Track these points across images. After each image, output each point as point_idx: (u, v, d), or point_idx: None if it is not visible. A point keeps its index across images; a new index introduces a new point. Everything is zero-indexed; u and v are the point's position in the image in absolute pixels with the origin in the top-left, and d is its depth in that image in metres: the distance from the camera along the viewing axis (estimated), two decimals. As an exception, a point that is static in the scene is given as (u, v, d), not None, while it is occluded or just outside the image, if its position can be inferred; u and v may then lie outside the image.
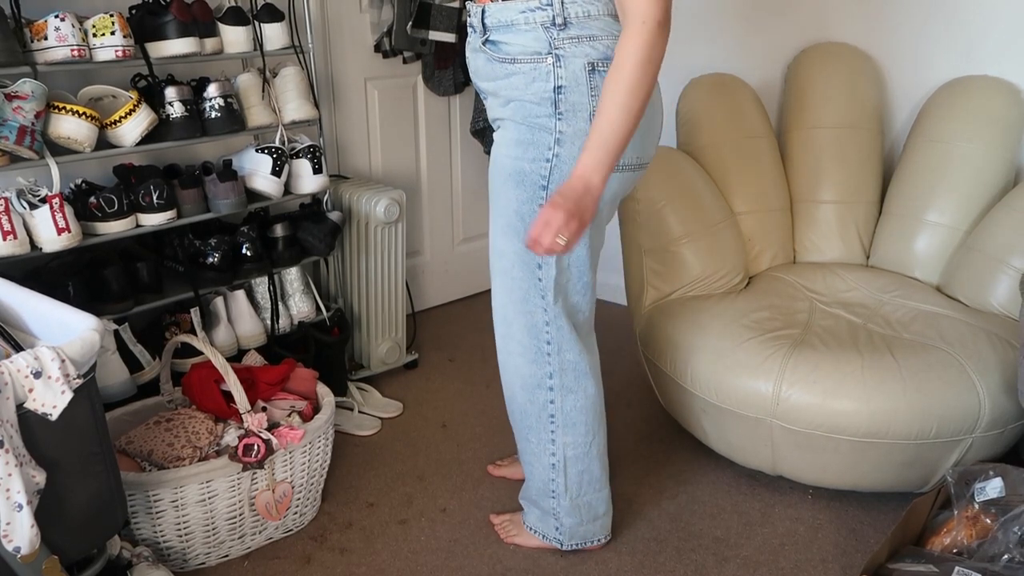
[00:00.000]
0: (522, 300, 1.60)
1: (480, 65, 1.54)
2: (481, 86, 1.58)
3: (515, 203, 1.54)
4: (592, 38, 1.42)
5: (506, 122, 1.54)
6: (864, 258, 2.35)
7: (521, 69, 1.46)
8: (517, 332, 1.64)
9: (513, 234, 1.56)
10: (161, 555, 1.73)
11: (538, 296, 1.59)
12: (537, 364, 1.64)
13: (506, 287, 1.62)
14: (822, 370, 1.82)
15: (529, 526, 1.85)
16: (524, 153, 1.50)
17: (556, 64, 1.43)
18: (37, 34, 1.79)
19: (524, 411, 1.71)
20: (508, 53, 1.47)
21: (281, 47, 2.16)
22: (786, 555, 1.82)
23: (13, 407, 1.26)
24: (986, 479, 1.60)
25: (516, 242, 1.56)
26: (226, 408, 1.82)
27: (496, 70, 1.50)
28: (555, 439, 1.69)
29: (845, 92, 2.36)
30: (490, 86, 1.54)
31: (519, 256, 1.56)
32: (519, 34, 1.45)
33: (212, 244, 2.11)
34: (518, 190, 1.52)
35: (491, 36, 1.48)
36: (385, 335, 2.55)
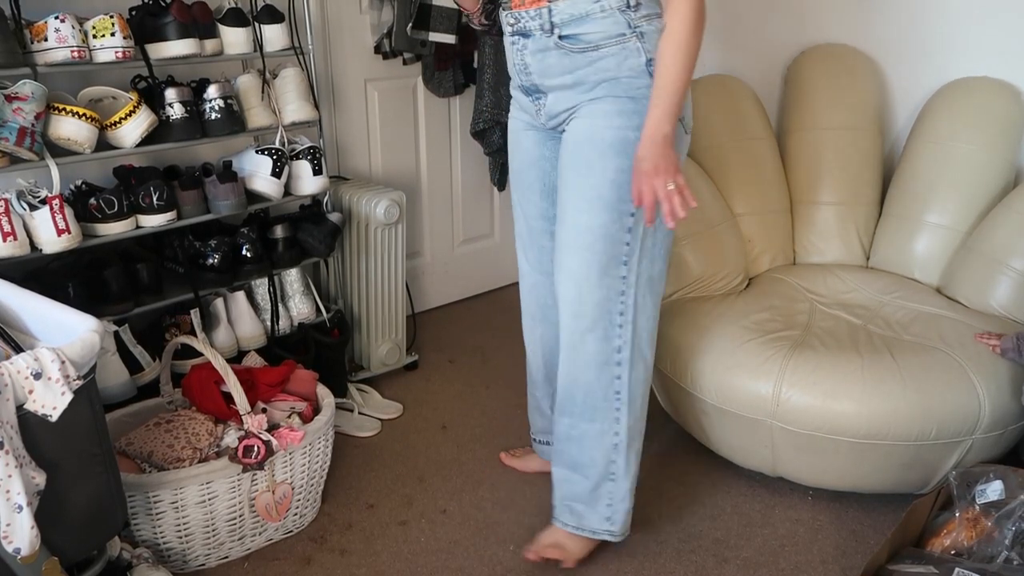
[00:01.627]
0: (601, 274, 1.62)
1: (552, 63, 1.59)
2: (552, 83, 1.62)
3: (612, 173, 1.58)
4: (658, 15, 1.55)
5: (600, 100, 1.59)
6: (864, 259, 2.35)
7: (609, 52, 1.55)
8: (591, 309, 1.64)
9: (602, 207, 1.59)
10: (161, 556, 1.73)
11: (620, 265, 1.63)
12: (607, 340, 1.66)
13: (584, 263, 1.62)
14: (822, 371, 1.82)
15: (575, 528, 1.77)
16: (628, 122, 1.56)
17: (641, 41, 1.55)
18: (37, 35, 1.79)
19: (590, 392, 1.69)
20: (589, 42, 1.55)
21: (281, 48, 2.16)
22: (786, 556, 1.82)
23: (13, 408, 1.26)
24: (987, 481, 1.60)
25: (603, 214, 1.59)
26: (226, 409, 1.82)
27: (576, 61, 1.57)
28: (619, 417, 1.71)
29: (845, 93, 2.36)
30: (569, 78, 1.59)
31: (604, 228, 1.60)
32: (596, 22, 1.54)
33: (212, 245, 2.11)
34: (619, 159, 1.57)
35: (563, 31, 1.56)
36: (385, 336, 2.55)
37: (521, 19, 1.60)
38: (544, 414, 2.01)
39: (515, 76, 1.69)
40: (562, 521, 1.78)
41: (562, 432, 1.75)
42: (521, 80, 1.67)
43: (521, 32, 1.61)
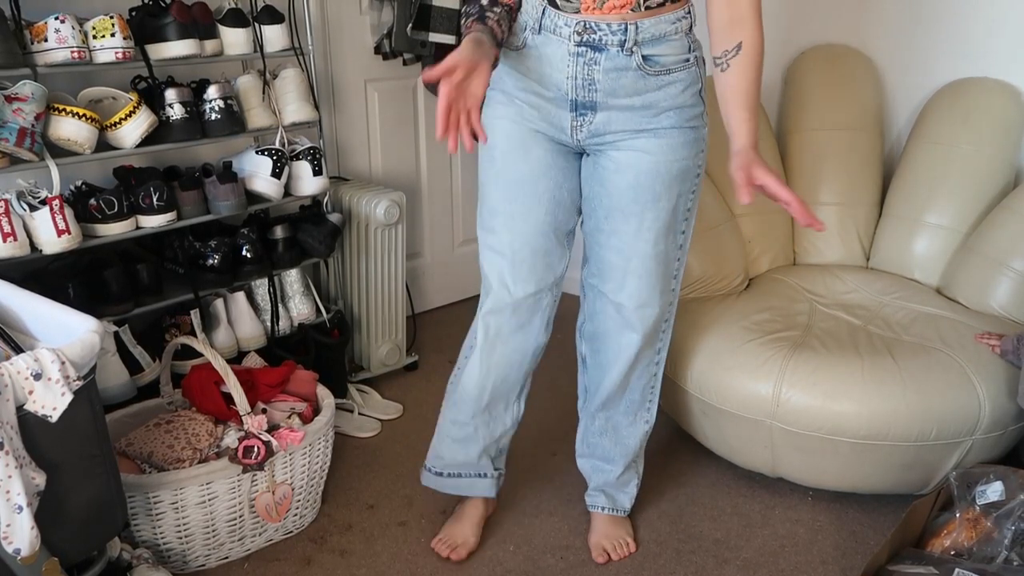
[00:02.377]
0: (661, 292, 1.68)
1: (626, 83, 1.49)
2: (617, 103, 1.51)
3: (675, 200, 1.61)
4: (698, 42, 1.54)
5: (666, 131, 1.54)
6: (864, 260, 2.35)
7: (678, 77, 1.51)
8: (651, 325, 1.70)
9: (665, 233, 1.63)
10: (161, 557, 1.73)
11: (671, 279, 1.70)
12: (653, 346, 1.76)
13: (648, 287, 1.66)
14: (822, 372, 1.82)
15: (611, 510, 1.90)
16: (689, 152, 1.58)
17: (699, 66, 1.55)
18: (37, 36, 1.79)
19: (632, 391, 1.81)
20: (664, 64, 1.49)
21: (281, 49, 2.16)
22: (786, 557, 1.82)
23: (13, 409, 1.26)
24: (987, 482, 1.60)
25: (665, 240, 1.63)
26: (226, 410, 1.82)
27: (649, 83, 1.50)
28: (651, 407, 1.86)
29: (845, 94, 2.36)
30: (639, 100, 1.51)
31: (665, 252, 1.65)
32: (670, 44, 1.49)
33: (212, 246, 2.11)
34: (681, 186, 1.60)
35: (644, 51, 1.47)
36: (385, 337, 2.55)
37: (599, 31, 1.45)
38: (476, 444, 1.81)
39: (564, 88, 1.51)
40: (599, 506, 1.90)
41: (598, 428, 1.86)
42: (576, 95, 1.50)
43: (592, 45, 1.46)
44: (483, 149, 1.63)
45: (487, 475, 1.85)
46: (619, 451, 1.86)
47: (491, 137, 1.61)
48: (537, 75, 1.52)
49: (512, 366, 1.73)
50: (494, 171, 1.63)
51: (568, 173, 1.63)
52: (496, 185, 1.63)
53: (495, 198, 1.63)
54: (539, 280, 1.66)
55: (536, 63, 1.52)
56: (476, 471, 1.84)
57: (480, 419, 1.78)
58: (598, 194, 1.63)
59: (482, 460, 1.83)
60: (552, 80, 1.51)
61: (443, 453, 1.85)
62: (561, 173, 1.62)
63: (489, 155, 1.63)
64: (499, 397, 1.76)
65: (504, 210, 1.63)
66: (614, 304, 1.69)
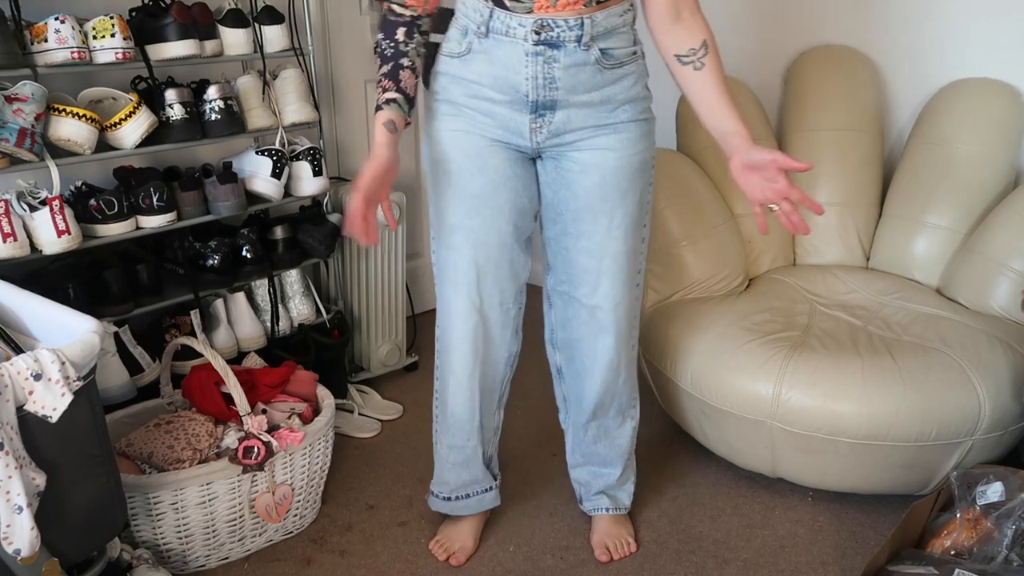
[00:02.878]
0: (631, 287, 1.68)
1: (585, 79, 1.48)
2: (577, 99, 1.50)
3: (639, 194, 1.61)
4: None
5: (622, 126, 1.55)
6: (864, 260, 2.35)
7: (630, 70, 1.53)
8: (626, 324, 1.70)
9: (633, 229, 1.62)
10: (161, 557, 1.73)
11: (637, 273, 1.69)
12: (632, 345, 1.76)
13: (622, 284, 1.65)
14: (822, 372, 1.82)
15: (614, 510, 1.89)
16: (648, 145, 1.60)
17: (643, 59, 1.56)
18: (37, 36, 1.79)
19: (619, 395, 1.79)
20: (616, 57, 1.50)
21: (281, 49, 2.16)
22: (786, 557, 1.82)
23: (13, 409, 1.26)
24: (987, 482, 1.60)
25: (633, 235, 1.63)
26: (226, 410, 1.82)
27: (605, 78, 1.50)
28: (635, 404, 1.85)
29: (845, 95, 2.36)
30: (597, 96, 1.51)
31: (634, 247, 1.65)
32: (620, 37, 1.50)
33: (212, 246, 2.11)
34: (643, 178, 1.61)
35: (600, 44, 1.47)
36: (385, 337, 2.55)
37: (556, 27, 1.43)
38: (477, 461, 1.81)
39: (523, 90, 1.48)
40: (603, 507, 1.89)
41: (591, 437, 1.84)
42: (537, 95, 1.48)
43: (550, 42, 1.44)
44: (434, 163, 1.59)
45: (491, 488, 1.85)
46: (615, 453, 1.86)
47: (445, 151, 1.57)
48: (489, 79, 1.49)
49: (492, 379, 1.74)
50: (450, 186, 1.58)
51: (527, 181, 1.61)
52: (454, 201, 1.58)
53: (454, 214, 1.59)
54: (504, 291, 1.65)
55: (487, 67, 1.49)
56: (482, 487, 1.84)
57: (476, 438, 1.78)
58: (564, 198, 1.60)
59: (485, 474, 1.83)
60: (508, 83, 1.48)
61: (447, 479, 1.83)
62: (520, 181, 1.59)
63: (442, 169, 1.58)
64: (486, 411, 1.77)
65: (465, 225, 1.59)
66: (588, 308, 1.67)
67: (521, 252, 1.64)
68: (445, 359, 1.72)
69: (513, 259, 1.63)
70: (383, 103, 1.50)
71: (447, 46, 1.54)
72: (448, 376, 1.72)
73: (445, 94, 1.55)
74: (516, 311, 1.70)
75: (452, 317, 1.67)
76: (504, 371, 1.74)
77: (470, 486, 1.83)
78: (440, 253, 1.65)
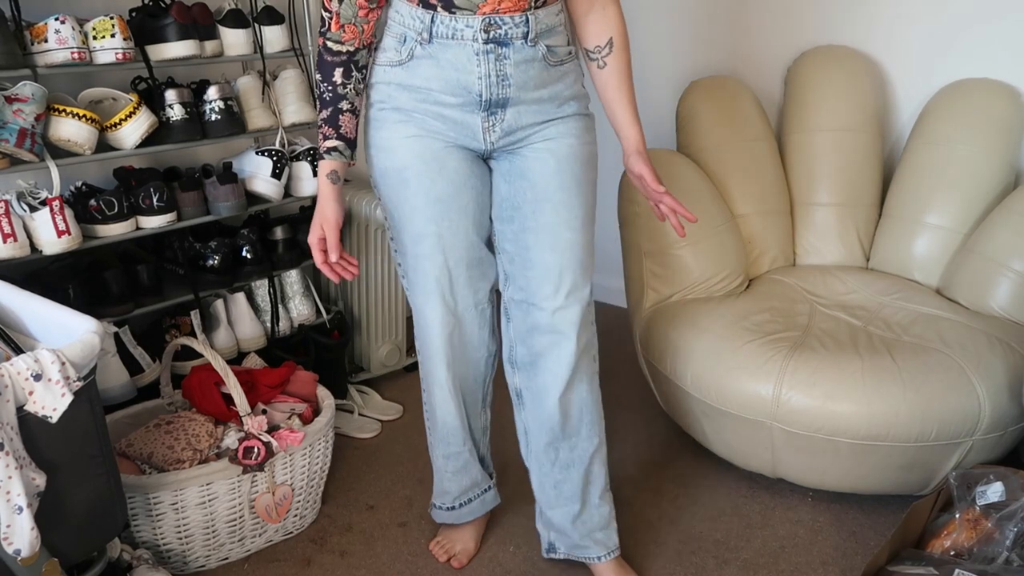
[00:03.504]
0: (589, 287, 1.64)
1: (534, 75, 1.49)
2: (527, 96, 1.51)
3: (591, 186, 1.62)
4: None
5: (569, 119, 1.57)
6: (864, 261, 2.35)
7: (570, 68, 1.55)
8: (587, 326, 1.63)
9: (588, 221, 1.61)
10: (161, 558, 1.73)
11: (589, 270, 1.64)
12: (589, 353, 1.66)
13: (582, 280, 1.61)
14: (822, 373, 1.82)
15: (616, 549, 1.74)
16: (592, 137, 1.61)
17: (578, 57, 1.59)
18: (37, 37, 1.79)
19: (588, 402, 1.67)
20: (559, 55, 1.52)
21: (281, 50, 2.16)
22: (786, 557, 1.82)
23: (13, 410, 1.26)
24: (987, 483, 1.60)
25: (589, 227, 1.62)
26: (226, 411, 1.82)
27: (551, 75, 1.52)
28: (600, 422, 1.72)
29: (845, 95, 2.36)
30: (545, 92, 1.52)
31: (589, 241, 1.63)
32: (558, 35, 1.52)
33: (212, 247, 2.11)
34: (593, 172, 1.62)
35: (544, 41, 1.49)
36: (385, 338, 2.55)
37: (503, 25, 1.44)
38: (475, 463, 1.80)
39: (475, 90, 1.48)
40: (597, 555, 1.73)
41: (562, 462, 1.70)
42: (490, 93, 1.48)
43: (499, 40, 1.45)
44: (389, 173, 1.57)
45: (490, 487, 1.85)
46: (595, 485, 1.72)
47: (400, 158, 1.54)
48: (439, 83, 1.48)
49: (475, 380, 1.72)
50: (410, 194, 1.55)
51: (485, 179, 1.60)
52: (418, 208, 1.55)
53: (419, 221, 1.56)
54: (478, 291, 1.63)
55: (435, 71, 1.48)
56: (481, 488, 1.83)
57: (469, 442, 1.77)
58: (521, 188, 1.57)
59: (482, 475, 1.83)
60: (460, 84, 1.48)
61: (449, 488, 1.81)
62: (480, 180, 1.58)
63: (399, 178, 1.55)
64: (472, 413, 1.76)
65: (431, 231, 1.56)
66: (549, 313, 1.60)
67: (487, 252, 1.64)
68: (428, 369, 1.69)
69: (482, 258, 1.62)
70: (324, 152, 1.54)
71: (384, 55, 1.52)
72: (433, 386, 1.70)
73: (392, 102, 1.53)
74: (491, 310, 1.68)
75: (429, 326, 1.63)
76: (485, 371, 1.73)
77: (471, 490, 1.81)
78: (408, 264, 1.62)
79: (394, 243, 1.65)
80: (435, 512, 1.86)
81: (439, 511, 1.85)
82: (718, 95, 2.43)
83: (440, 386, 1.69)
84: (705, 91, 2.44)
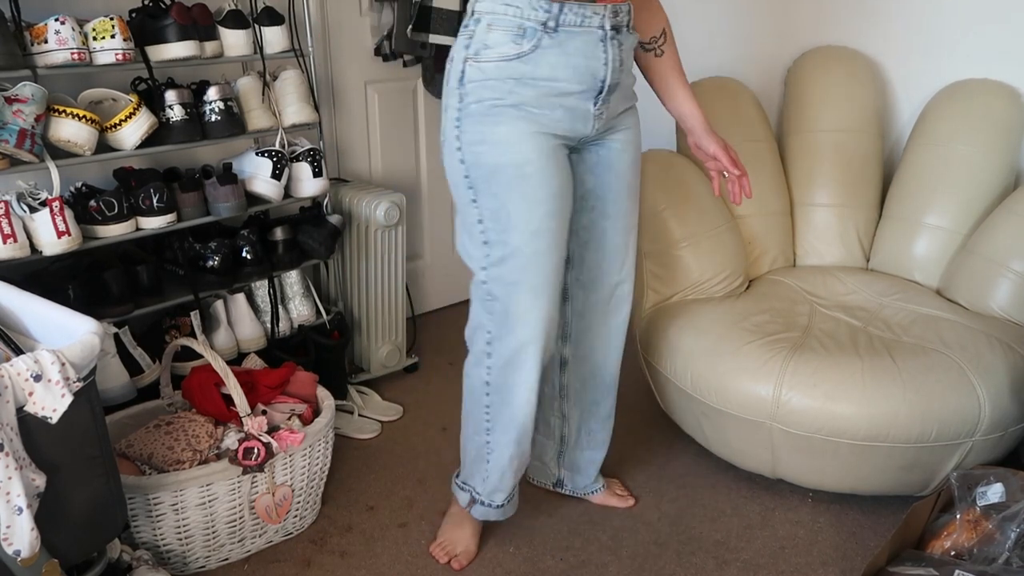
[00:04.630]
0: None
1: (630, 62, 1.61)
2: (626, 82, 1.61)
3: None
4: None
5: (634, 107, 1.69)
6: (864, 261, 2.35)
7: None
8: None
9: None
10: (161, 558, 1.73)
11: None
12: None
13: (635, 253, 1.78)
14: (822, 374, 1.82)
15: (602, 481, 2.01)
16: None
17: None
18: (37, 37, 1.79)
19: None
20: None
21: (281, 50, 2.16)
22: (786, 558, 1.82)
23: (13, 410, 1.26)
24: (987, 483, 1.60)
25: None
26: (226, 411, 1.82)
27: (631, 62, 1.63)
28: None
29: (845, 95, 2.36)
30: (629, 80, 1.63)
31: None
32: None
33: (212, 247, 2.11)
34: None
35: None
36: (385, 338, 2.55)
37: (620, 13, 1.52)
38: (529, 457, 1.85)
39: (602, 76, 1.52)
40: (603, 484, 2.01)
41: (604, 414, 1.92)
42: (612, 79, 1.53)
43: (618, 27, 1.52)
44: (500, 170, 1.53)
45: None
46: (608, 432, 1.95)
47: (521, 153, 1.51)
48: (568, 72, 1.50)
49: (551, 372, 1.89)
50: (530, 189, 1.52)
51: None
52: (539, 202, 1.53)
53: (538, 216, 1.54)
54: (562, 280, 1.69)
55: (562, 59, 1.49)
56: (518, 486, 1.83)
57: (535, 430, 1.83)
58: (607, 180, 1.67)
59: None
60: (588, 71, 1.51)
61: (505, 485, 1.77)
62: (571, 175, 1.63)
63: (518, 173, 1.52)
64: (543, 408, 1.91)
65: (551, 227, 1.55)
66: (611, 287, 1.77)
67: None
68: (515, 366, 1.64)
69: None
70: None
71: (493, 51, 1.49)
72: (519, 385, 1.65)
73: (511, 97, 1.50)
74: None
75: (529, 322, 1.60)
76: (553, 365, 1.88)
77: (516, 487, 1.82)
78: (516, 262, 1.56)
79: (492, 245, 1.58)
80: (481, 510, 1.80)
81: (488, 508, 1.80)
82: (718, 96, 2.44)
83: (530, 386, 1.65)
84: (705, 92, 2.44)
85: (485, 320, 1.65)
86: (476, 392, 1.72)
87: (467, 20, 1.53)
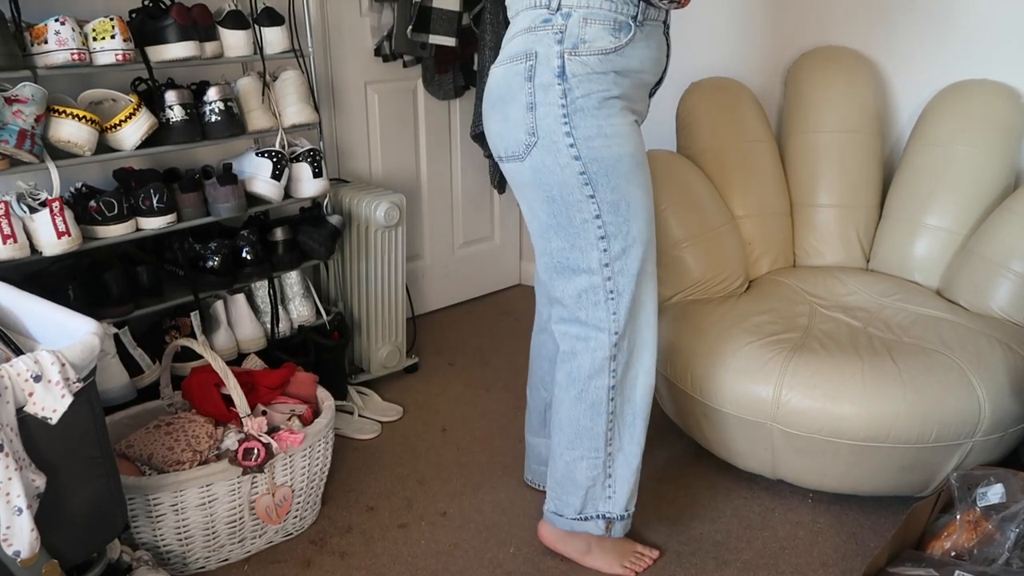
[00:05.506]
0: None
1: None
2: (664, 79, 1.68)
3: None
4: None
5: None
6: (864, 262, 2.35)
7: None
8: None
9: None
10: (161, 559, 1.73)
11: None
12: None
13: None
14: (822, 374, 1.82)
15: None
16: None
17: None
18: (37, 38, 1.79)
19: None
20: None
21: (281, 51, 2.17)
22: (786, 559, 1.82)
23: (13, 411, 1.26)
24: (988, 484, 1.60)
25: None
26: (226, 412, 1.82)
27: None
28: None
29: (845, 96, 2.36)
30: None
31: None
32: None
33: (212, 248, 2.11)
34: None
35: None
36: (385, 339, 2.55)
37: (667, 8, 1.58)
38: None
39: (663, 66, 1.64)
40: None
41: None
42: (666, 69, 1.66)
43: (667, 21, 1.62)
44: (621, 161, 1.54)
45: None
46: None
47: (633, 143, 1.56)
48: (650, 63, 1.58)
49: None
50: (645, 178, 1.58)
51: None
52: (648, 191, 1.59)
53: (651, 204, 1.60)
54: None
55: (647, 52, 1.56)
56: None
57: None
58: None
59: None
60: (659, 62, 1.61)
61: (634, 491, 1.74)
62: None
63: (635, 162, 1.56)
64: None
65: (654, 214, 1.63)
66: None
67: None
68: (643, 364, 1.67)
69: None
70: None
71: (592, 45, 1.49)
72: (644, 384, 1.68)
73: (616, 89, 1.53)
74: None
75: (651, 312, 1.66)
76: None
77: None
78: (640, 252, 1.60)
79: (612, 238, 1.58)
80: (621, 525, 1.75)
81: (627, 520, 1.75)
82: (718, 96, 2.44)
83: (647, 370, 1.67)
84: (705, 92, 2.44)
85: (607, 321, 1.61)
86: (598, 406, 1.65)
87: (547, 15, 1.50)
